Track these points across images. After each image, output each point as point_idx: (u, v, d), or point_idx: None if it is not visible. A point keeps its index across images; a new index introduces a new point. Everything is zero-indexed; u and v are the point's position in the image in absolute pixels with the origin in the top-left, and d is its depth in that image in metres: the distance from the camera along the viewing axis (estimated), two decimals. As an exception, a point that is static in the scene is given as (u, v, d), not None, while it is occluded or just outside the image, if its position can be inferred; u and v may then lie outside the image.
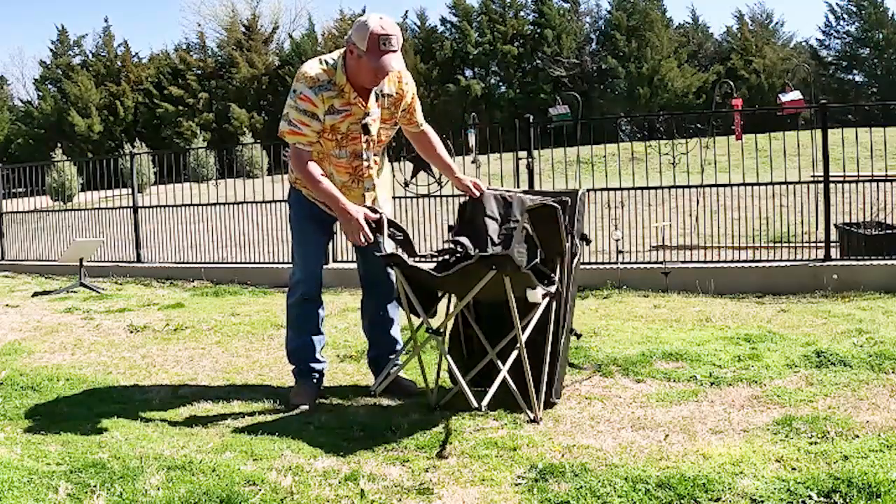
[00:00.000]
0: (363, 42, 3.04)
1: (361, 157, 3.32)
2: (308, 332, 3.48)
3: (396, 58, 3.10)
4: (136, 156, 10.20)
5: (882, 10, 33.70)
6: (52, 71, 37.23)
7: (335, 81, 3.16)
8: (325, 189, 3.16)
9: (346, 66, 3.15)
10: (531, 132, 6.91)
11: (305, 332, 3.48)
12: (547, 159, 8.76)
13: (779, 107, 8.83)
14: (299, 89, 3.14)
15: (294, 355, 3.52)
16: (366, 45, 3.04)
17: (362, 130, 3.26)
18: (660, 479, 2.34)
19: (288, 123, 3.18)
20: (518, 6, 35.94)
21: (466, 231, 3.45)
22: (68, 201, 16.51)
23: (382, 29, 3.04)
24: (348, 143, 3.27)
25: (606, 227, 7.55)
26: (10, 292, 7.67)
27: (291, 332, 3.52)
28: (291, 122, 3.17)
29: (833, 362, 3.56)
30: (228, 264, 8.39)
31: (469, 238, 3.39)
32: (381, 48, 3.04)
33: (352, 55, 3.11)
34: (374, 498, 2.35)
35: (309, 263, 3.46)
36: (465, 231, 3.45)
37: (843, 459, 2.44)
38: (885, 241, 6.37)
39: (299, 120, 3.15)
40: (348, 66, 3.15)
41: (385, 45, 3.04)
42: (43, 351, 4.64)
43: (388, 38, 3.05)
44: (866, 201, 6.84)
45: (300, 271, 3.47)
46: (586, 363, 3.80)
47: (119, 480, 2.42)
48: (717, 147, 7.54)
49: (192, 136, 30.05)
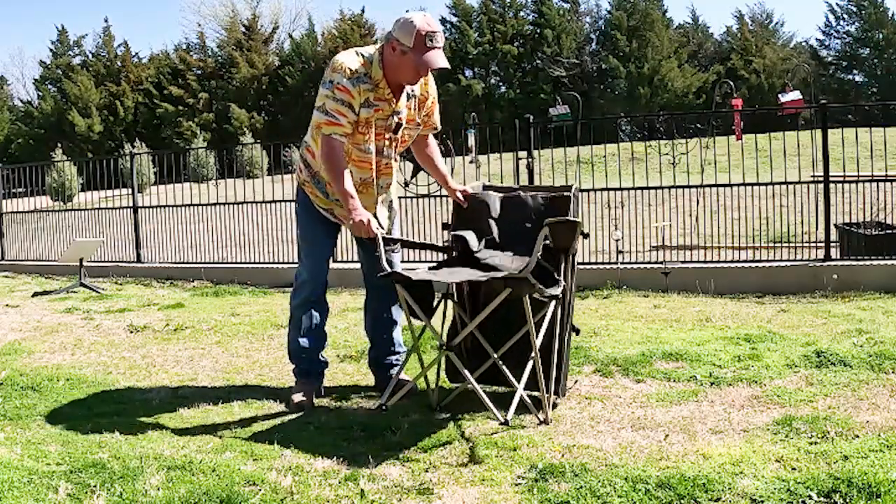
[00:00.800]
0: (409, 38, 3.05)
1: (384, 155, 3.34)
2: (311, 333, 3.47)
3: (441, 55, 3.12)
4: (136, 156, 10.21)
5: (882, 10, 33.71)
6: (52, 71, 37.24)
7: (371, 75, 3.16)
8: (346, 187, 3.12)
9: (384, 62, 3.16)
10: (531, 132, 6.92)
11: (308, 332, 3.46)
12: (547, 159, 8.76)
13: (779, 107, 8.83)
14: (337, 79, 3.12)
15: (295, 355, 3.51)
16: (412, 42, 3.05)
17: (392, 129, 3.28)
18: (660, 479, 2.34)
19: (325, 114, 3.13)
20: (518, 6, 35.95)
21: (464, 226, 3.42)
22: (68, 201, 16.51)
23: (429, 26, 3.07)
24: (376, 138, 3.28)
25: (606, 227, 7.55)
26: (10, 292, 7.67)
27: (294, 331, 3.50)
28: (329, 112, 3.12)
29: (833, 362, 3.56)
30: (228, 264, 8.39)
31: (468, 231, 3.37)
32: (426, 45, 3.06)
33: (394, 52, 3.11)
34: (374, 498, 2.35)
35: (316, 264, 3.45)
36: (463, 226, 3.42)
37: (843, 459, 2.44)
38: (885, 241, 6.37)
39: (336, 110, 3.12)
40: (387, 62, 3.15)
41: (431, 41, 3.07)
42: (43, 351, 4.64)
43: (433, 34, 3.08)
44: (866, 201, 6.84)
45: (307, 272, 3.45)
46: (585, 363, 3.81)
47: (119, 480, 2.42)
48: (717, 147, 7.54)
49: (192, 136, 30.05)
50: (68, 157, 24.79)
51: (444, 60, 3.14)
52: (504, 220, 3.42)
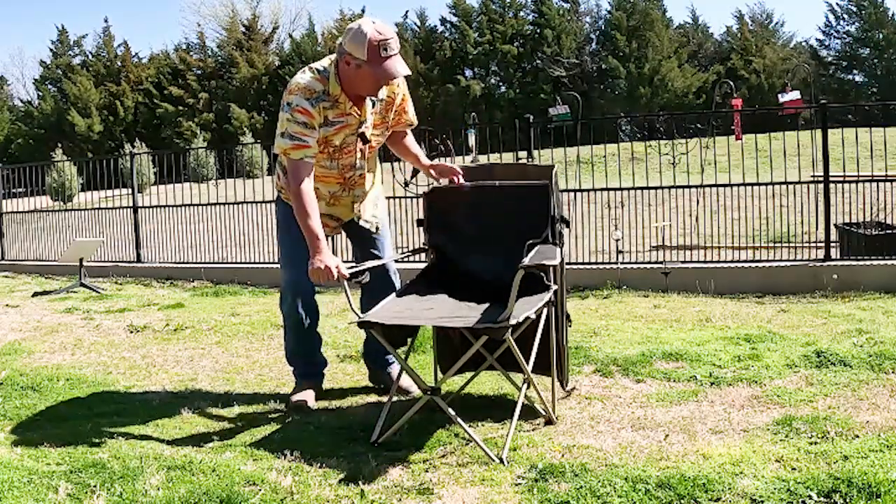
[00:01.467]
0: (362, 51, 2.91)
1: (355, 168, 3.23)
2: (307, 333, 3.44)
3: (399, 61, 2.99)
4: (136, 156, 10.20)
5: (882, 10, 33.72)
6: (52, 71, 37.25)
7: (329, 91, 3.03)
8: (312, 226, 2.95)
9: (340, 76, 3.02)
10: (531, 132, 6.92)
11: (304, 333, 3.43)
12: (547, 159, 8.75)
13: (778, 107, 8.84)
14: (295, 101, 2.98)
15: (294, 357, 3.50)
16: (366, 54, 2.91)
17: (360, 140, 3.16)
18: (660, 479, 2.34)
19: (289, 139, 2.99)
20: (518, 6, 35.95)
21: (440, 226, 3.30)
22: (68, 201, 16.51)
23: (380, 34, 2.91)
24: (342, 155, 3.17)
25: (606, 227, 7.55)
26: (10, 292, 7.67)
27: (290, 334, 3.47)
28: (293, 137, 2.98)
29: (833, 362, 3.56)
30: (228, 264, 8.39)
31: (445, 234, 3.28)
32: (381, 55, 2.92)
33: (348, 66, 2.98)
34: (374, 498, 2.35)
35: (301, 261, 3.15)
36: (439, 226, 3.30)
37: (843, 459, 2.44)
38: (885, 241, 6.37)
39: (300, 133, 2.98)
40: (343, 76, 3.02)
41: (386, 50, 2.92)
42: (43, 351, 4.64)
43: (387, 42, 2.92)
44: (866, 201, 6.84)
45: (292, 271, 3.31)
46: (585, 363, 3.81)
47: (119, 480, 2.42)
48: (717, 147, 7.54)
49: (192, 136, 30.05)
50: (68, 157, 24.78)
51: (404, 67, 3.00)
52: (480, 211, 3.27)
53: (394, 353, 2.86)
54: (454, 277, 3.20)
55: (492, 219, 3.24)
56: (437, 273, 3.27)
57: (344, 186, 3.26)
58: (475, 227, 3.27)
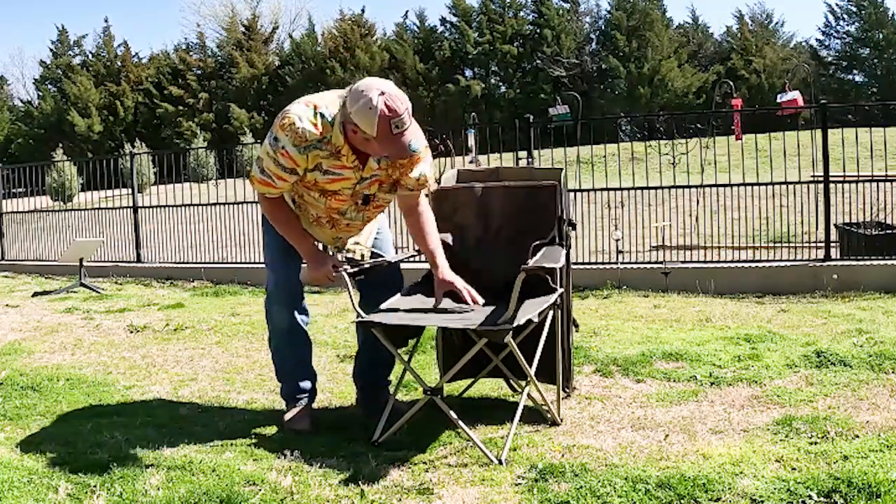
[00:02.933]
0: (371, 127, 2.55)
1: (343, 215, 2.91)
2: (300, 344, 3.11)
3: (413, 135, 2.64)
4: (136, 156, 10.21)
5: (882, 10, 33.72)
6: (52, 71, 37.25)
7: (330, 140, 2.69)
8: (297, 237, 2.83)
9: (346, 133, 2.67)
10: (531, 132, 6.92)
11: (297, 344, 3.10)
12: (547, 159, 8.75)
13: (778, 106, 8.84)
14: (283, 143, 2.65)
15: (286, 374, 3.13)
16: (375, 131, 2.56)
17: (362, 201, 2.87)
18: (660, 479, 2.34)
19: (261, 172, 2.75)
20: (517, 6, 35.94)
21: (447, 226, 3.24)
22: (68, 201, 16.51)
23: (390, 110, 2.53)
24: (334, 199, 2.86)
25: (606, 227, 7.55)
26: (10, 292, 7.67)
27: (283, 347, 3.11)
28: (265, 172, 2.74)
29: (833, 362, 3.56)
30: (228, 264, 8.39)
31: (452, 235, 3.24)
32: (392, 132, 2.56)
33: (355, 134, 2.64)
34: (374, 498, 2.35)
35: (289, 263, 3.02)
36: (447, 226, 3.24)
37: (843, 459, 2.44)
38: (885, 241, 6.37)
39: (275, 173, 2.72)
40: (349, 137, 2.68)
41: (398, 126, 2.56)
42: (43, 351, 4.64)
43: (398, 119, 2.55)
44: (866, 201, 6.84)
45: (281, 273, 3.03)
46: (585, 363, 3.81)
47: (119, 480, 2.42)
48: (716, 147, 7.55)
49: (192, 136, 30.03)
50: (68, 157, 24.77)
51: (419, 140, 2.67)
52: (488, 212, 3.25)
53: (395, 353, 2.84)
54: (460, 270, 3.20)
55: (499, 220, 3.24)
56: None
57: (329, 221, 2.95)
58: (483, 227, 3.26)
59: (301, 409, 3.09)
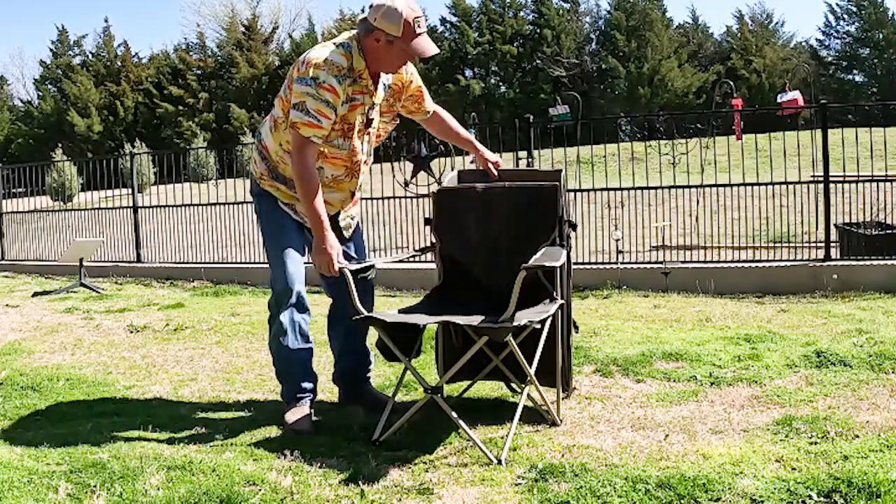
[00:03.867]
0: (397, 27, 2.83)
1: (362, 151, 3.11)
2: (303, 345, 3.11)
3: (430, 40, 2.95)
4: (136, 156, 10.21)
5: (882, 10, 33.75)
6: (52, 71, 37.27)
7: (354, 66, 2.93)
8: (317, 207, 2.88)
9: (365, 52, 2.93)
10: (531, 132, 6.92)
11: (300, 345, 3.10)
12: (547, 159, 8.76)
13: (778, 106, 8.85)
14: (322, 77, 2.84)
15: (286, 374, 3.14)
16: (400, 30, 2.84)
17: (367, 123, 3.08)
18: (660, 479, 2.34)
19: (305, 114, 2.84)
20: (517, 6, 35.97)
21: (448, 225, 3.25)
22: (68, 201, 16.52)
23: (413, 11, 2.87)
24: (353, 134, 3.04)
25: (606, 227, 7.55)
26: (10, 292, 7.67)
27: (288, 348, 3.09)
28: (309, 113, 2.84)
29: (833, 362, 3.56)
30: (228, 264, 8.39)
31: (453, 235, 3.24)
32: (416, 31, 2.88)
33: (377, 42, 2.88)
34: (374, 498, 2.35)
35: (292, 265, 3.05)
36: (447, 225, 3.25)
37: (843, 459, 2.44)
38: (885, 241, 6.38)
39: (318, 111, 2.84)
40: (369, 52, 2.93)
41: (419, 27, 2.89)
42: (43, 351, 4.64)
43: (419, 19, 2.90)
44: (866, 201, 6.84)
45: (284, 276, 3.03)
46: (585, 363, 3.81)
47: (119, 480, 2.42)
48: (717, 147, 7.55)
49: (192, 136, 30.06)
50: (68, 157, 24.78)
51: (433, 46, 2.96)
52: (489, 212, 3.24)
53: (397, 353, 2.84)
54: (461, 278, 3.19)
55: (500, 220, 3.23)
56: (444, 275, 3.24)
57: (349, 171, 3.11)
58: (484, 228, 3.25)
59: (301, 410, 3.10)
